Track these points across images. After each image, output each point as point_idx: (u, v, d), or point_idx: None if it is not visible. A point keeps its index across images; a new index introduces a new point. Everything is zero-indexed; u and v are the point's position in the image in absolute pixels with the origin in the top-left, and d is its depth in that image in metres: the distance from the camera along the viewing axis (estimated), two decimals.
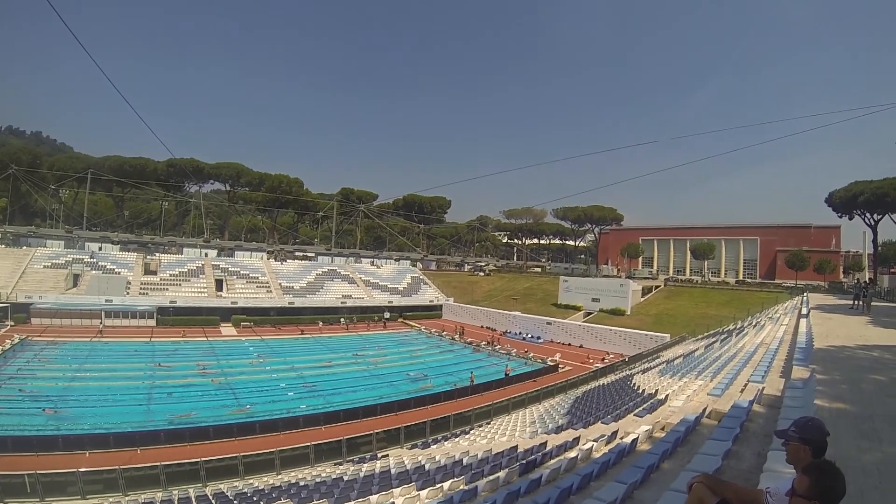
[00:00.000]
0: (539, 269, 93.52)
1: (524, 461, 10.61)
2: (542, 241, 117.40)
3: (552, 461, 10.47)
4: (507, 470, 10.05)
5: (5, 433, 21.34)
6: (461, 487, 10.12)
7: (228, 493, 16.00)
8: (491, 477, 9.94)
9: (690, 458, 6.09)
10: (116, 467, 17.80)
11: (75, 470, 17.30)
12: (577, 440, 12.36)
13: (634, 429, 10.59)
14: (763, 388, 9.26)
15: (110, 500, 16.52)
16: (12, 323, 44.72)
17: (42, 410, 24.79)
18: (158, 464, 18.23)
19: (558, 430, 16.64)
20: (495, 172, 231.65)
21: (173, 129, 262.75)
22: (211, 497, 15.42)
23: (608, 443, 10.82)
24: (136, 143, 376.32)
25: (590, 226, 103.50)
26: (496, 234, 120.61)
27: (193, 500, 15.30)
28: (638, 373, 27.23)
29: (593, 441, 11.02)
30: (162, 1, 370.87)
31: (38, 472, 16.89)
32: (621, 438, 10.43)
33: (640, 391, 19.94)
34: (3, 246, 57.70)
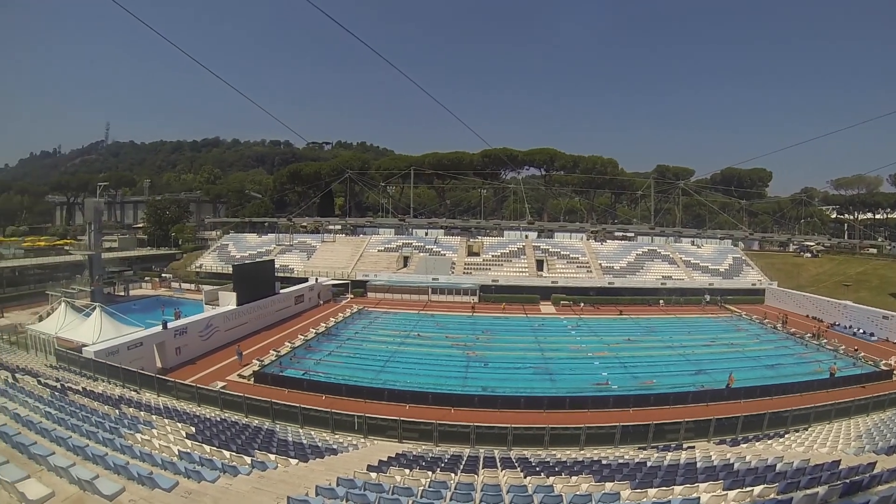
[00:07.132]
0: (875, 250, 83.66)
1: (847, 480, 10.55)
2: (877, 216, 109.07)
3: (881, 487, 10.33)
4: (826, 487, 10.01)
5: (342, 382, 28.31)
6: (772, 496, 10.20)
7: (531, 460, 16.76)
8: (808, 491, 9.85)
9: None
10: (433, 421, 21.50)
11: (397, 418, 21.79)
12: None
13: None
14: None
15: (423, 446, 19.63)
16: (352, 296, 60.04)
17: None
18: (470, 424, 21.18)
19: (890, 451, 15.71)
20: (821, 136, 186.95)
21: (483, 124, 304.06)
22: (514, 460, 16.34)
23: None
24: (450, 140, 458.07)
25: None
26: (823, 208, 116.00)
27: (498, 459, 16.54)
28: None
29: None
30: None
31: (365, 415, 22.01)
32: None
33: None
34: (344, 235, 78.12)
